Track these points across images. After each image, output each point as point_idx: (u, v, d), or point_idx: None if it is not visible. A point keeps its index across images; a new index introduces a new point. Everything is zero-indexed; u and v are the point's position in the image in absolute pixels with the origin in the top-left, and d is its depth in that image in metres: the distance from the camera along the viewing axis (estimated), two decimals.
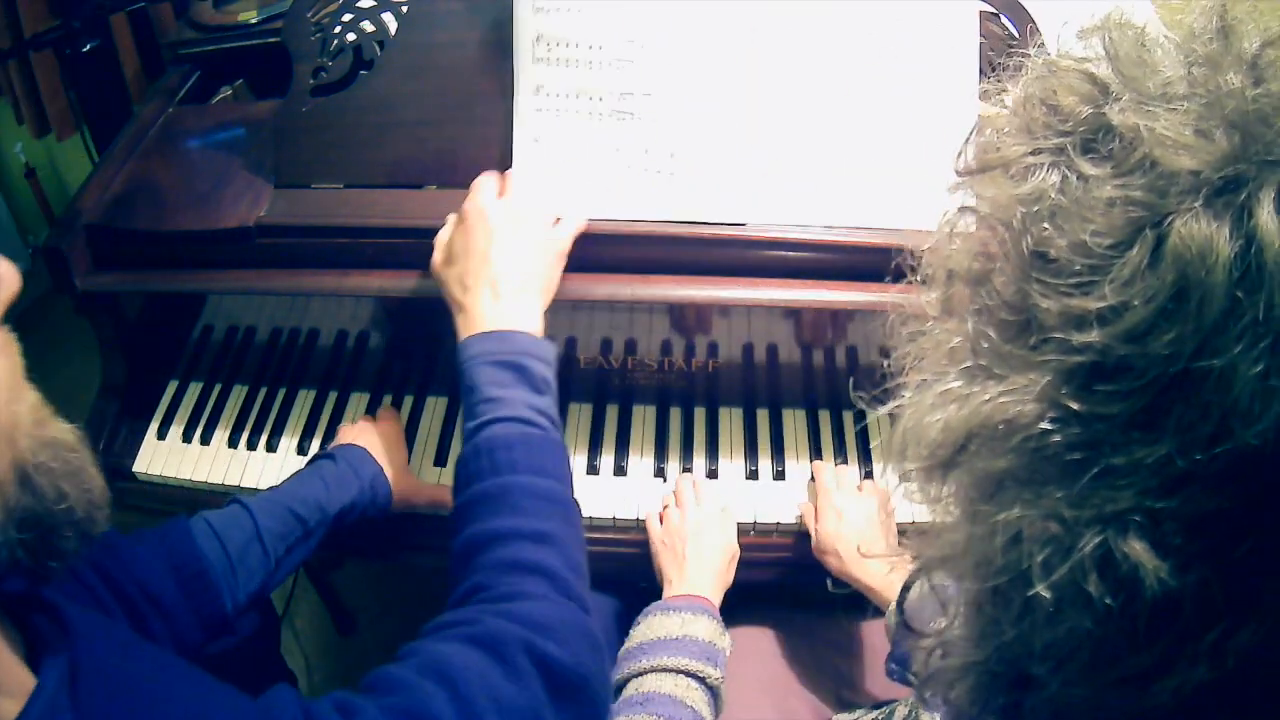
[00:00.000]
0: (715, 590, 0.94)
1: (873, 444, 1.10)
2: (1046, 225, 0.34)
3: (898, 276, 0.44)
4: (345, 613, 1.76)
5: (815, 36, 0.98)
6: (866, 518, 0.98)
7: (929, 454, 0.36)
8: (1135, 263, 0.31)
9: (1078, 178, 0.34)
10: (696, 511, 1.00)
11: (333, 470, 0.97)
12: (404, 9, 1.04)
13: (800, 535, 1.05)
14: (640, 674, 0.85)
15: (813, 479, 1.06)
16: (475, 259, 0.87)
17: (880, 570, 0.92)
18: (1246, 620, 0.30)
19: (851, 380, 0.43)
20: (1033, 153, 0.36)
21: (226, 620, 0.85)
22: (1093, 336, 0.31)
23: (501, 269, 0.86)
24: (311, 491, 0.94)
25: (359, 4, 1.06)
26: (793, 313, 1.05)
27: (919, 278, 0.42)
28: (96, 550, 0.79)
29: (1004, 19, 1.07)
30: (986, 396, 0.34)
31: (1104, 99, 0.34)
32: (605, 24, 0.98)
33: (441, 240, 0.92)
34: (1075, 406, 0.32)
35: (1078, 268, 0.32)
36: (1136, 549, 0.30)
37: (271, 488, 0.95)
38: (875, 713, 0.73)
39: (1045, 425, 0.32)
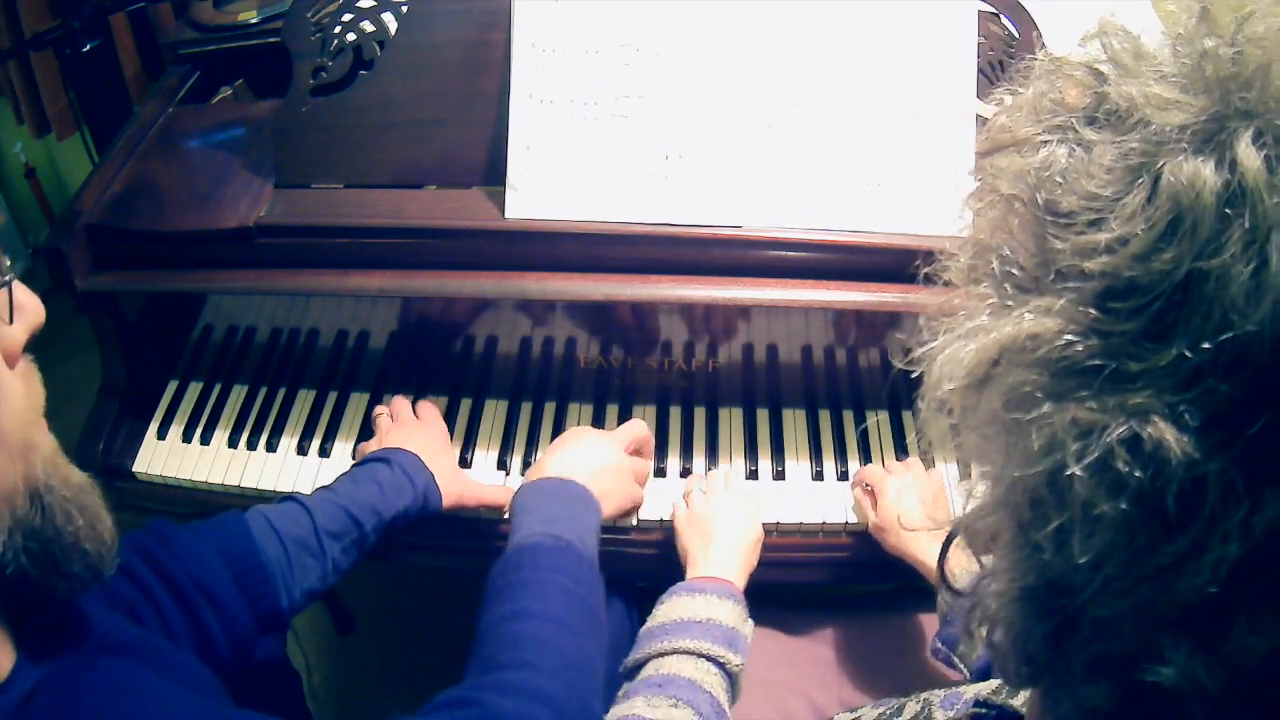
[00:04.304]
0: (740, 574, 0.94)
1: (871, 441, 1.11)
2: (1058, 181, 0.39)
3: (925, 280, 0.48)
4: (345, 613, 1.76)
5: (812, 37, 0.98)
6: (922, 498, 1.01)
7: (965, 374, 0.41)
8: (1136, 202, 0.36)
9: (1083, 147, 0.39)
10: (725, 494, 1.01)
11: (388, 475, 0.96)
12: (404, 9, 1.04)
13: (800, 534, 1.05)
14: (661, 655, 0.85)
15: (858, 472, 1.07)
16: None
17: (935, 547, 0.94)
18: (1268, 496, 0.33)
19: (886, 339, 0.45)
20: (1042, 132, 0.41)
21: (282, 616, 0.85)
22: (1102, 261, 0.36)
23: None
24: (367, 495, 0.93)
25: (359, 4, 1.06)
26: (792, 312, 1.05)
27: (946, 252, 0.47)
28: (150, 541, 0.80)
29: (1004, 19, 1.07)
30: (1013, 318, 0.39)
31: (1104, 84, 0.40)
32: (602, 27, 0.98)
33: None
34: (1093, 318, 0.36)
35: (1086, 213, 0.37)
36: (1160, 427, 0.34)
37: (326, 486, 0.95)
38: (880, 709, 0.73)
39: (1068, 337, 0.37)
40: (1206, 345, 0.34)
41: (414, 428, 1.06)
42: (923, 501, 1.00)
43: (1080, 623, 0.39)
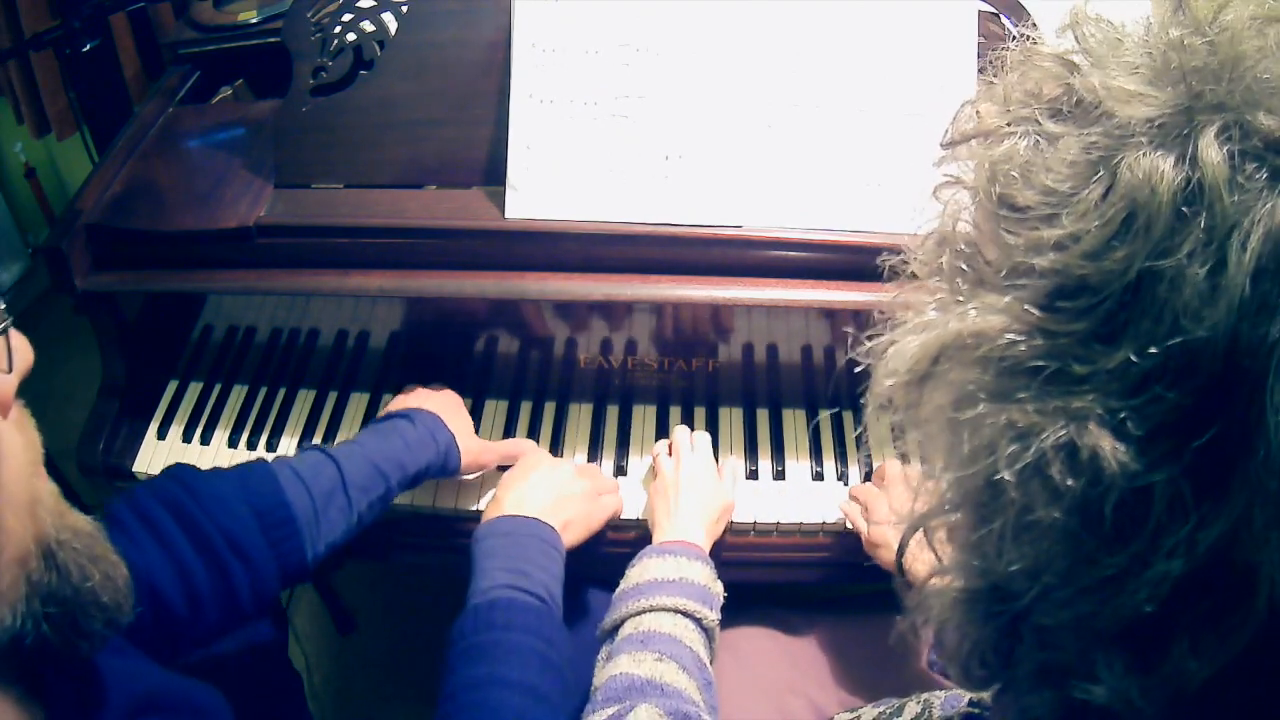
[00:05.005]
0: (705, 540, 0.95)
1: (872, 442, 1.11)
2: (1015, 175, 0.37)
3: (889, 277, 0.47)
4: (345, 613, 1.76)
5: (812, 37, 0.98)
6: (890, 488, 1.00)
7: (908, 370, 0.40)
8: (1091, 198, 0.34)
9: (1046, 139, 0.37)
10: (691, 460, 1.01)
11: (412, 432, 0.96)
12: (404, 9, 1.04)
13: (799, 534, 1.05)
14: (638, 613, 0.85)
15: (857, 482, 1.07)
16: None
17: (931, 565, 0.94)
18: (1215, 512, 0.32)
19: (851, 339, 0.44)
20: (1008, 124, 0.39)
21: (306, 569, 0.84)
22: (1052, 258, 0.35)
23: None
24: (393, 449, 0.93)
25: (359, 4, 1.06)
26: (792, 312, 1.05)
27: (910, 243, 0.46)
28: (177, 491, 0.78)
29: (1004, 19, 1.07)
30: (958, 314, 0.38)
31: (1072, 75, 0.38)
32: (602, 27, 0.98)
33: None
34: (1039, 319, 0.35)
35: (1042, 208, 0.36)
36: (1095, 433, 0.33)
37: (350, 440, 0.95)
38: (880, 709, 0.73)
39: (1012, 336, 0.35)
40: (1154, 350, 0.32)
41: (429, 394, 1.06)
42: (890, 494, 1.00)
43: (1024, 631, 0.38)
